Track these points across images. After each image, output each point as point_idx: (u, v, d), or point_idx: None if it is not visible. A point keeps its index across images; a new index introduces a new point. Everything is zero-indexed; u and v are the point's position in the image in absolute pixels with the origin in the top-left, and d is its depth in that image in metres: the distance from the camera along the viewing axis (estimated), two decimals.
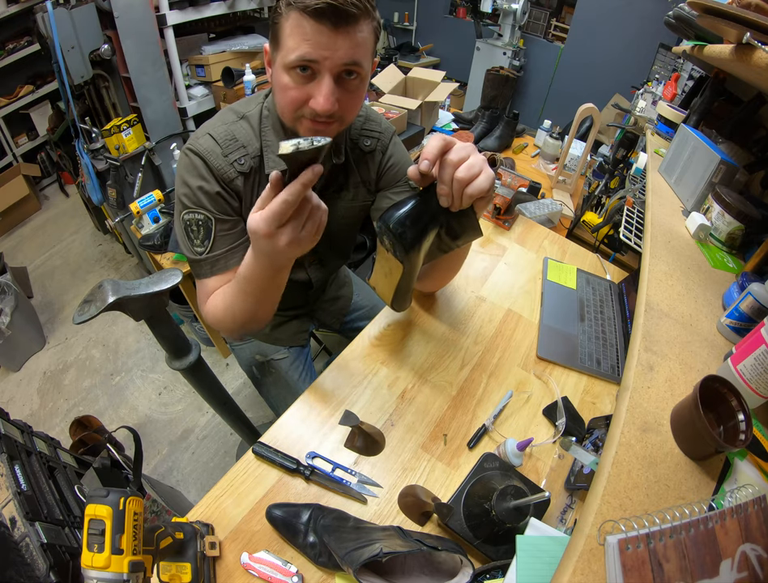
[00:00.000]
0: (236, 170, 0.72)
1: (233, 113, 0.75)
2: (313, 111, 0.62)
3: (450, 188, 0.55)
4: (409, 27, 4.44)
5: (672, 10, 1.17)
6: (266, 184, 0.74)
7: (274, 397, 1.10)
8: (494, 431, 0.80)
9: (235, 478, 0.71)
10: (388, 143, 0.85)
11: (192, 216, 0.71)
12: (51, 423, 1.79)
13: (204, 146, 0.70)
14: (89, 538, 0.42)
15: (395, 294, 0.71)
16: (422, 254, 0.63)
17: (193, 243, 0.74)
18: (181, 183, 0.72)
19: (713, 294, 0.79)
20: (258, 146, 0.74)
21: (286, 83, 0.62)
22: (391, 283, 0.69)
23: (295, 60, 0.58)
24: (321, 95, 0.60)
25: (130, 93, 1.87)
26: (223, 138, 0.71)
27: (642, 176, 1.30)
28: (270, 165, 0.73)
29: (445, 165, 0.54)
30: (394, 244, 0.61)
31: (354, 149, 0.82)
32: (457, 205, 0.56)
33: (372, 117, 0.84)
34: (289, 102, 0.63)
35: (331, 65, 0.59)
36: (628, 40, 3.19)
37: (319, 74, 0.60)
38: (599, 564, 0.42)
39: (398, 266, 0.63)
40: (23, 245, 2.72)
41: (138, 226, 1.67)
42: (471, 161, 0.54)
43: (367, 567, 0.56)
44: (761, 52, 0.66)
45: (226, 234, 0.73)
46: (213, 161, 0.70)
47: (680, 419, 0.55)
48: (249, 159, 0.73)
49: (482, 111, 1.94)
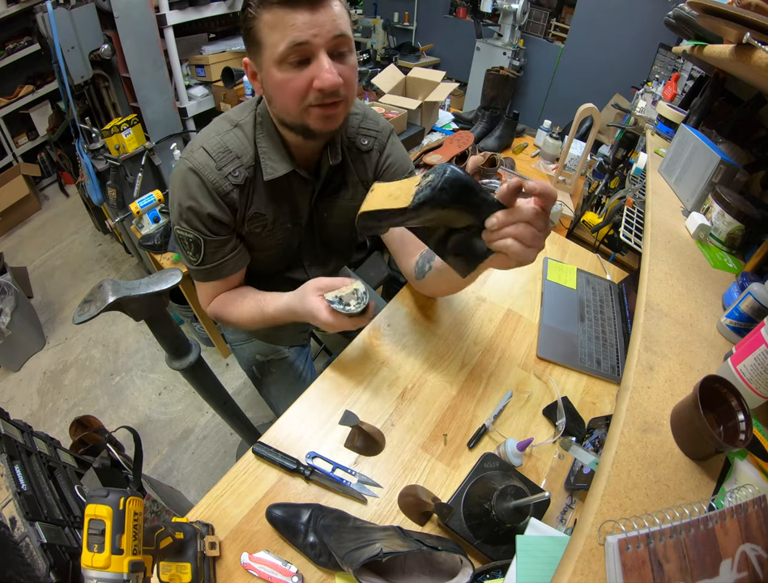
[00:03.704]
0: (230, 183, 0.71)
1: (227, 122, 0.75)
2: (318, 94, 0.61)
3: (501, 228, 0.51)
4: (409, 27, 4.44)
5: (671, 10, 1.17)
6: (262, 191, 0.76)
7: (274, 397, 1.09)
8: (494, 431, 0.80)
9: (235, 478, 0.71)
10: (386, 142, 0.84)
11: (183, 234, 0.73)
12: (51, 423, 1.79)
13: (199, 160, 0.70)
14: (89, 538, 0.42)
15: (372, 214, 0.59)
16: (424, 222, 0.56)
17: (186, 254, 0.77)
18: (175, 201, 0.73)
19: (713, 294, 0.79)
20: (253, 154, 0.73)
21: (282, 78, 0.61)
22: (381, 203, 0.58)
23: (286, 49, 0.58)
24: (323, 71, 0.59)
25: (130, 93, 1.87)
26: (216, 151, 0.71)
27: (642, 176, 1.30)
28: (267, 172, 0.73)
29: (520, 215, 0.50)
30: (428, 186, 0.51)
31: (351, 148, 0.82)
32: (488, 242, 0.54)
33: (369, 115, 0.84)
34: (292, 95, 0.62)
35: (322, 41, 0.59)
36: (628, 40, 3.19)
37: (313, 55, 0.60)
38: (599, 564, 0.42)
39: (405, 202, 0.53)
40: (23, 245, 2.72)
41: (138, 226, 1.67)
42: (541, 234, 0.51)
43: (367, 567, 0.56)
44: (761, 52, 0.66)
45: (216, 250, 0.76)
46: (208, 176, 0.70)
47: (680, 419, 0.55)
48: (244, 170, 0.73)
49: (482, 111, 1.94)
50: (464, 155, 1.66)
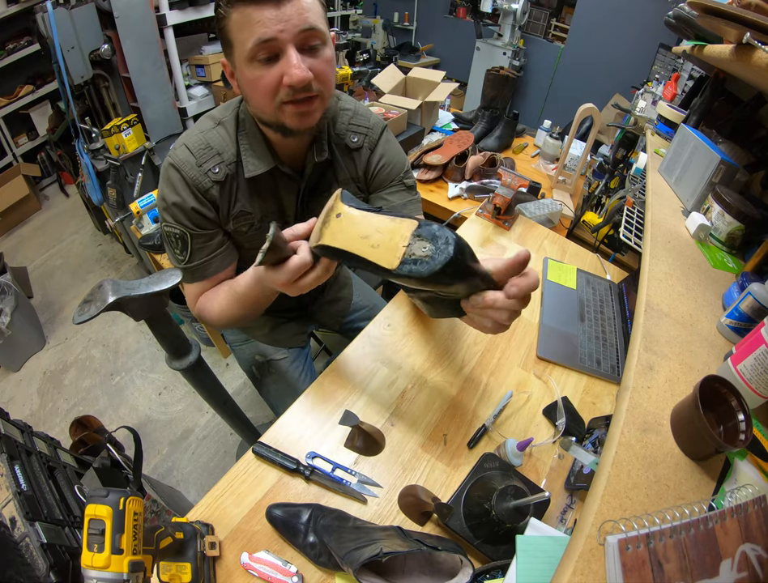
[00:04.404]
0: (210, 180, 0.72)
1: (211, 120, 0.75)
2: (289, 90, 0.61)
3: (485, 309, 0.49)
4: (409, 27, 4.45)
5: (671, 10, 1.17)
6: (245, 189, 0.75)
7: (274, 398, 1.09)
8: (494, 431, 0.80)
9: (235, 478, 0.71)
10: (377, 139, 0.83)
11: (170, 230, 0.74)
12: (51, 423, 1.79)
13: (180, 157, 0.71)
14: (89, 538, 0.42)
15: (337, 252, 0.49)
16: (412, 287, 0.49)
17: (174, 252, 0.77)
18: (161, 196, 0.74)
19: (713, 294, 0.79)
20: (235, 151, 0.74)
21: (253, 76, 0.61)
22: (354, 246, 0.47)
23: (253, 46, 0.58)
24: (290, 67, 0.59)
25: (130, 93, 1.87)
26: (197, 148, 0.72)
27: (642, 176, 1.30)
28: (249, 169, 0.73)
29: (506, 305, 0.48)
30: (424, 263, 0.42)
31: (340, 145, 0.81)
32: (466, 311, 0.51)
33: (360, 111, 0.83)
34: (264, 92, 0.62)
35: (289, 36, 0.58)
36: (628, 40, 3.20)
37: (281, 51, 0.59)
38: (599, 564, 0.42)
39: (388, 261, 0.44)
40: (23, 245, 2.72)
41: (138, 226, 1.67)
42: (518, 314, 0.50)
43: (367, 567, 0.56)
44: (761, 52, 0.66)
45: (203, 246, 0.76)
46: (188, 172, 0.71)
47: (680, 419, 0.55)
48: (225, 166, 0.73)
49: (482, 111, 1.95)
50: (464, 155, 1.66)
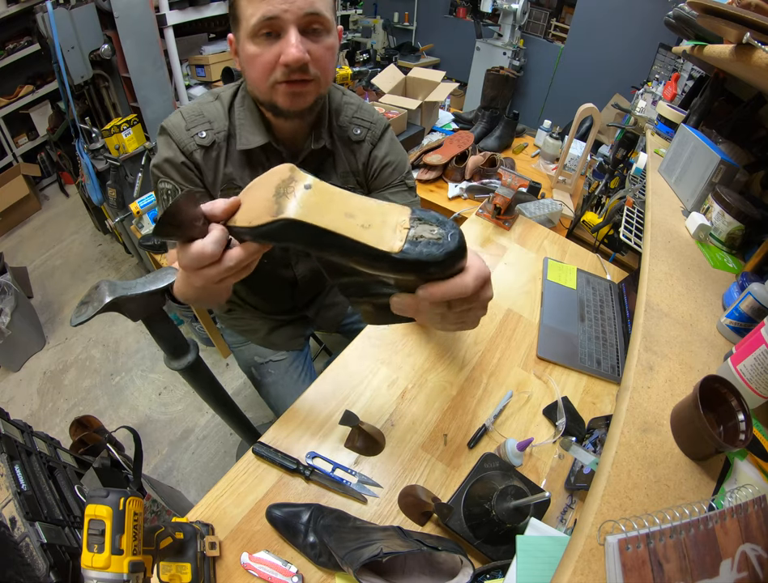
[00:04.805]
0: (195, 143, 0.73)
1: (211, 94, 0.78)
2: (285, 69, 0.61)
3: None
4: (409, 27, 4.45)
5: (671, 10, 1.17)
6: (236, 159, 0.76)
7: (273, 398, 1.09)
8: (494, 431, 0.80)
9: (235, 478, 0.71)
10: (379, 135, 0.84)
11: (163, 185, 0.76)
12: (51, 423, 1.79)
13: (172, 121, 0.74)
14: (89, 539, 0.42)
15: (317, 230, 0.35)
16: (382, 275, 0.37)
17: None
18: (157, 155, 0.76)
19: (713, 294, 0.79)
20: (226, 124, 0.75)
21: (253, 52, 0.62)
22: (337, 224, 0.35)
23: (257, 22, 0.59)
24: (289, 46, 0.59)
25: (130, 93, 1.87)
26: (190, 114, 0.74)
27: (642, 176, 1.30)
28: (242, 142, 0.74)
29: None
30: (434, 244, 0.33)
31: (342, 137, 0.82)
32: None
33: (365, 107, 0.84)
34: (260, 69, 0.62)
35: (293, 16, 0.59)
36: (628, 40, 3.20)
37: (283, 30, 0.60)
38: (599, 564, 0.42)
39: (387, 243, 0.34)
40: (23, 245, 2.72)
41: (138, 226, 1.67)
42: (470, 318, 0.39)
43: (367, 567, 0.56)
44: (761, 52, 0.66)
45: None
46: (176, 135, 0.73)
47: (680, 419, 0.55)
48: (213, 134, 0.74)
49: (482, 111, 1.94)
50: (464, 155, 1.66)
